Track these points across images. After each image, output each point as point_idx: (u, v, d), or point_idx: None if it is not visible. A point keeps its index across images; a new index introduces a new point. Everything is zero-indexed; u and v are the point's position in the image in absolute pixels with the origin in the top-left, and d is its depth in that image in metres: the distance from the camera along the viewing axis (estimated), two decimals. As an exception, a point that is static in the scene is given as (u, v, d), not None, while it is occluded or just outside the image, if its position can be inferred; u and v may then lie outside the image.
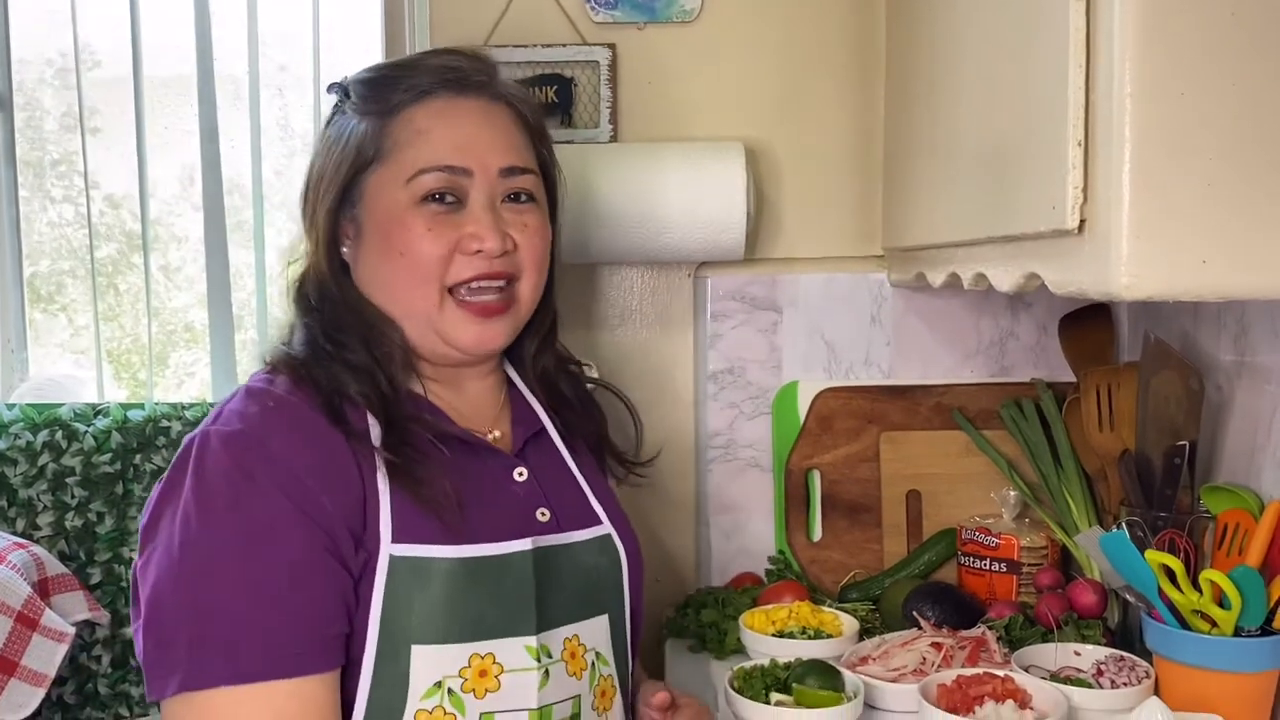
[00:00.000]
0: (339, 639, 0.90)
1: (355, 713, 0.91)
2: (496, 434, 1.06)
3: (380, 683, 0.90)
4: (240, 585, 0.86)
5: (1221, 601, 1.09)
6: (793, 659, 1.19)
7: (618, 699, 1.04)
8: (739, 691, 1.14)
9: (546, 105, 1.52)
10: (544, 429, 1.10)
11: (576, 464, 1.10)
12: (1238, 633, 1.09)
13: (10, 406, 1.71)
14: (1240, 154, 0.77)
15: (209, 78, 1.78)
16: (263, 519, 0.87)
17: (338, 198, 1.01)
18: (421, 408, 1.01)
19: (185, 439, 0.92)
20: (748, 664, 1.21)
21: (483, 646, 0.93)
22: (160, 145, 1.88)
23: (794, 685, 1.14)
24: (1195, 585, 1.10)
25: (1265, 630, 1.10)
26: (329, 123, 1.05)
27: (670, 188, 1.42)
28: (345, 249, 1.03)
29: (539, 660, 0.95)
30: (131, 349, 2.08)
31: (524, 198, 1.04)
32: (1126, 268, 0.77)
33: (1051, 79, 0.84)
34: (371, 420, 0.96)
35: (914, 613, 1.33)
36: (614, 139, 1.53)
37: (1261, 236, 0.77)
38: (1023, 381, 1.55)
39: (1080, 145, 0.82)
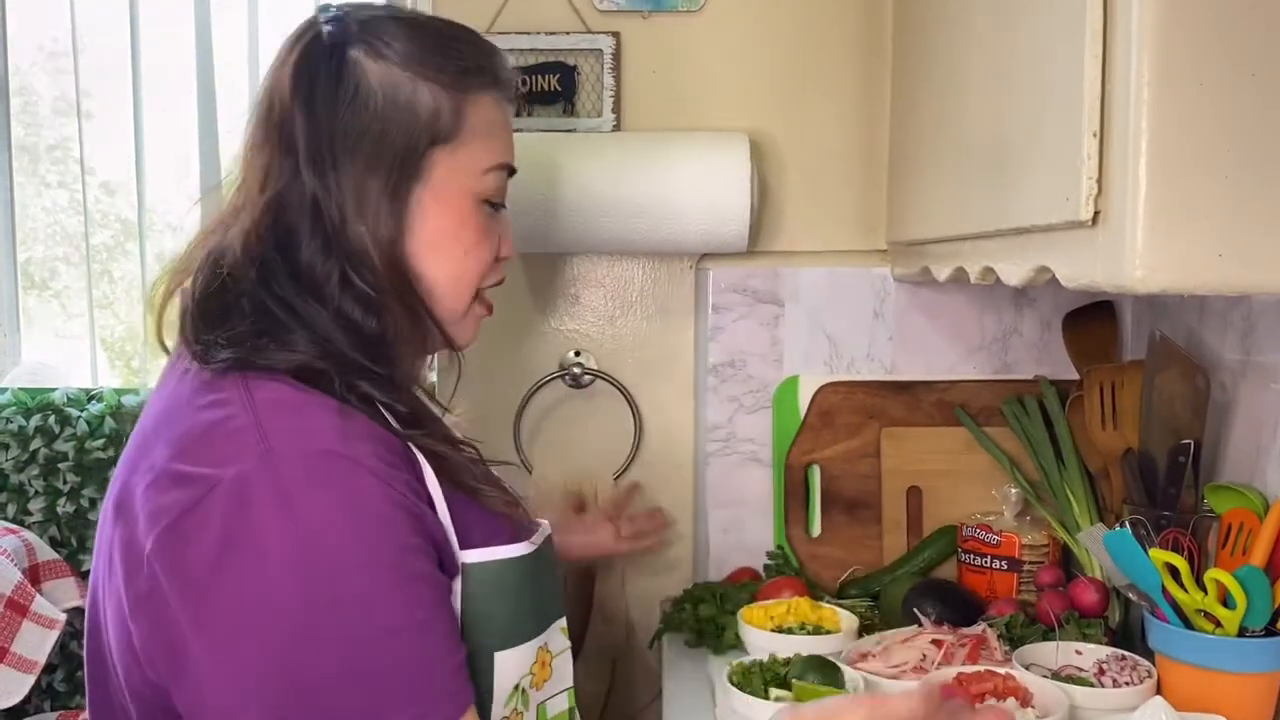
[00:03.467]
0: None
1: None
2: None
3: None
4: (404, 626, 0.75)
5: (1226, 601, 1.08)
6: (792, 655, 1.18)
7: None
8: (738, 687, 1.13)
9: (549, 94, 1.50)
10: None
11: None
12: (1242, 633, 1.09)
13: (2, 391, 1.70)
14: (1259, 146, 0.76)
15: (208, 66, 1.76)
16: (391, 544, 0.76)
17: (412, 170, 0.88)
18: (425, 407, 0.94)
19: (196, 474, 0.75)
20: (746, 659, 1.20)
21: (543, 638, 0.91)
22: (156, 133, 1.87)
23: (794, 681, 1.13)
24: (1199, 584, 1.09)
25: (1270, 630, 1.09)
26: (341, 70, 0.87)
27: (673, 178, 1.41)
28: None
29: (567, 637, 0.96)
30: (125, 337, 2.07)
31: None
32: (1141, 260, 0.76)
33: (1067, 69, 0.83)
34: (387, 416, 0.85)
35: (914, 609, 1.32)
36: (617, 128, 1.52)
37: (1278, 231, 0.76)
38: (1026, 378, 1.54)
39: (1095, 136, 0.80)
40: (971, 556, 1.43)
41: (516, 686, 0.87)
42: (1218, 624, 1.09)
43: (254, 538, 0.73)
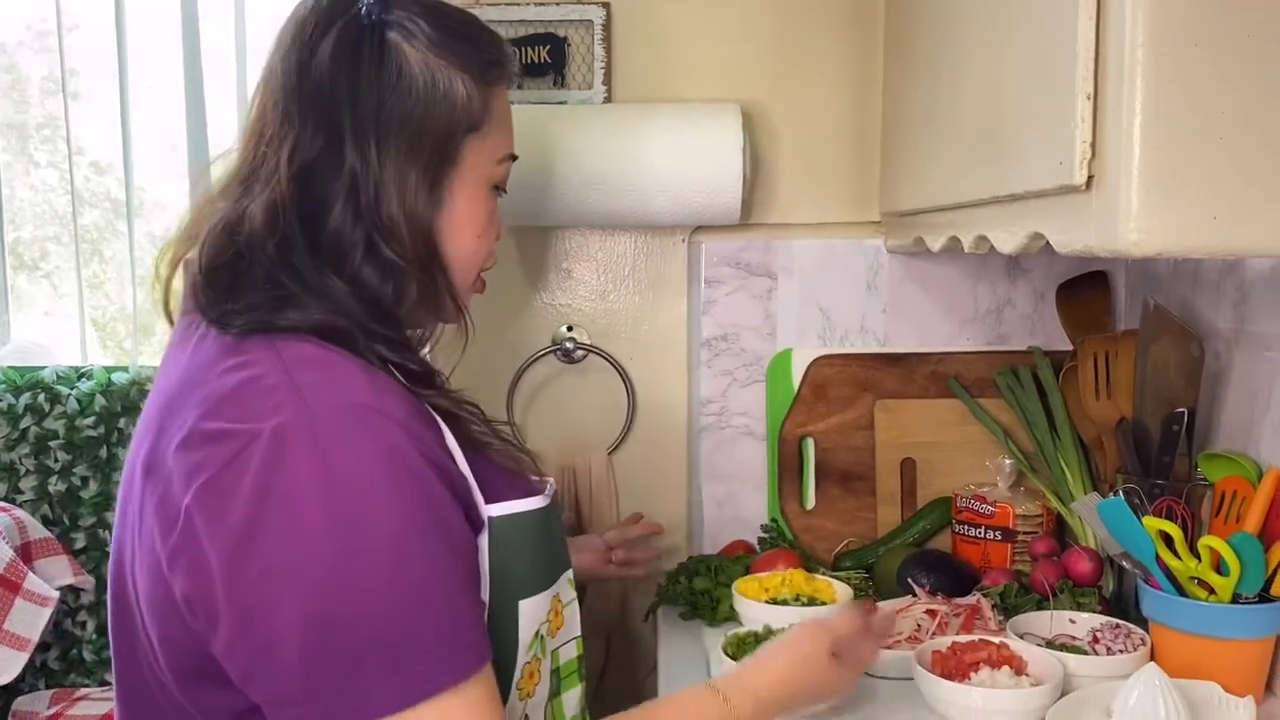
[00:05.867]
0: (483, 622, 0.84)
1: None
2: None
3: (495, 644, 0.84)
4: (426, 580, 0.76)
5: (1220, 568, 1.08)
6: (786, 626, 1.18)
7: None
8: (732, 658, 1.13)
9: (539, 65, 1.49)
10: None
11: None
12: (1235, 600, 1.09)
13: (-8, 369, 1.69)
14: (1255, 108, 0.75)
15: (194, 46, 1.75)
16: (421, 500, 0.78)
17: (450, 156, 0.91)
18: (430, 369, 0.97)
19: (233, 430, 0.77)
20: (741, 630, 1.20)
21: (555, 589, 0.93)
22: (145, 112, 1.85)
23: (788, 651, 1.13)
24: (1193, 552, 1.09)
25: (1263, 597, 1.09)
26: (380, 50, 0.88)
27: (665, 150, 1.40)
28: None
29: (575, 588, 0.98)
30: (117, 317, 2.06)
31: None
32: (1136, 223, 0.76)
33: (1060, 30, 0.82)
34: (399, 377, 0.87)
35: (909, 580, 1.32)
36: (608, 100, 1.50)
37: (1273, 192, 0.75)
38: (1019, 350, 1.53)
39: (1089, 99, 0.80)
40: (966, 527, 1.43)
41: (537, 634, 0.90)
42: (1211, 591, 1.09)
43: (292, 486, 0.75)
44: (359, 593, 0.74)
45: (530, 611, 0.89)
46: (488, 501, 0.86)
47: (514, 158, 0.98)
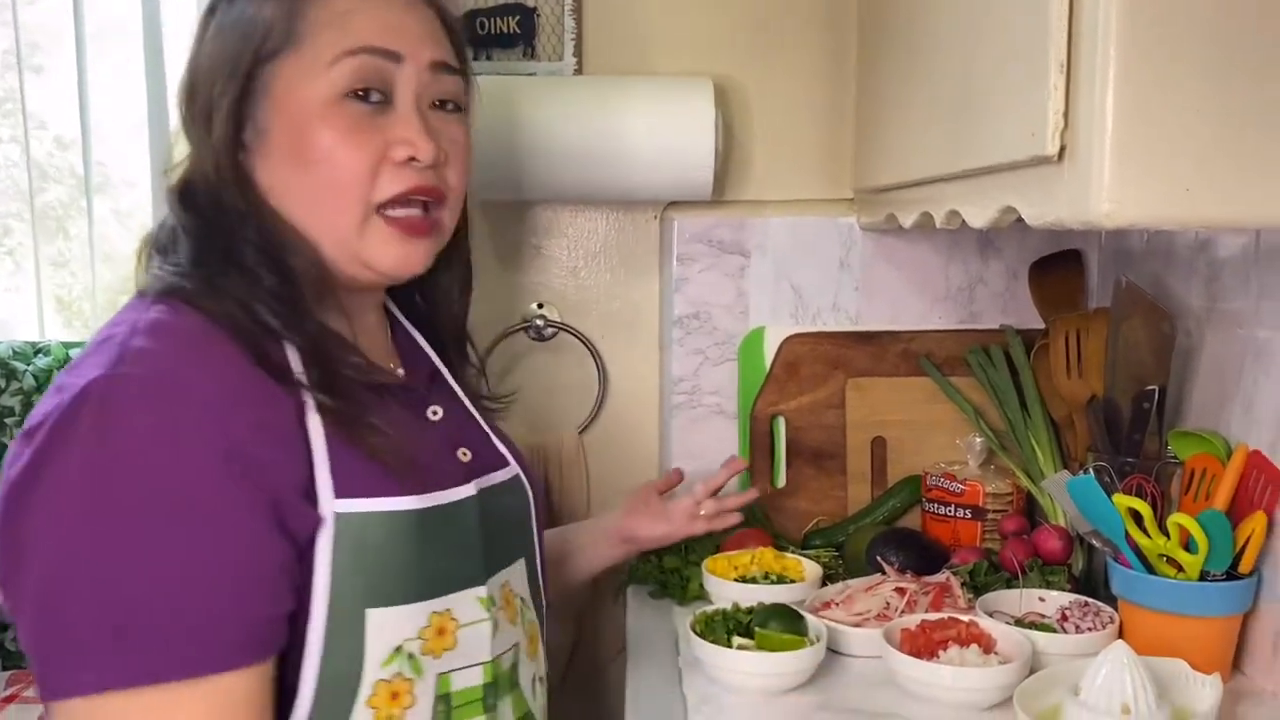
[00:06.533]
0: (282, 620, 0.79)
1: (302, 694, 0.80)
2: (400, 371, 0.98)
3: (333, 656, 0.81)
4: (171, 565, 0.73)
5: (1188, 546, 1.08)
6: (755, 604, 1.17)
7: (540, 643, 1.00)
8: (701, 636, 1.12)
9: (508, 36, 1.47)
10: (438, 369, 1.02)
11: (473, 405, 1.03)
12: (1203, 577, 1.09)
13: (-53, 345, 1.65)
14: (1228, 79, 0.74)
15: (154, 16, 1.71)
16: (195, 483, 0.74)
17: (240, 90, 0.86)
18: (341, 344, 0.90)
19: (65, 383, 0.76)
20: (710, 608, 1.19)
21: (441, 603, 0.86)
22: (108, 86, 1.80)
23: (756, 629, 1.12)
24: (1162, 529, 1.09)
25: (1230, 575, 1.09)
26: (211, 13, 0.90)
27: (637, 123, 1.38)
28: (240, 157, 0.89)
29: (489, 610, 0.89)
30: (83, 296, 2.02)
31: (451, 106, 0.93)
32: (1108, 194, 0.75)
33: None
34: (292, 356, 0.84)
35: (878, 558, 1.31)
36: (578, 72, 1.48)
37: (1246, 164, 0.75)
38: (991, 328, 1.53)
39: (1062, 69, 0.78)
40: (936, 505, 1.42)
41: (399, 649, 0.83)
42: (1180, 569, 1.09)
43: (68, 447, 0.73)
44: (93, 567, 0.72)
45: (385, 623, 0.82)
46: (340, 496, 0.80)
47: (377, 51, 0.87)
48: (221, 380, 0.78)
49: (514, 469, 1.00)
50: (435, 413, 0.97)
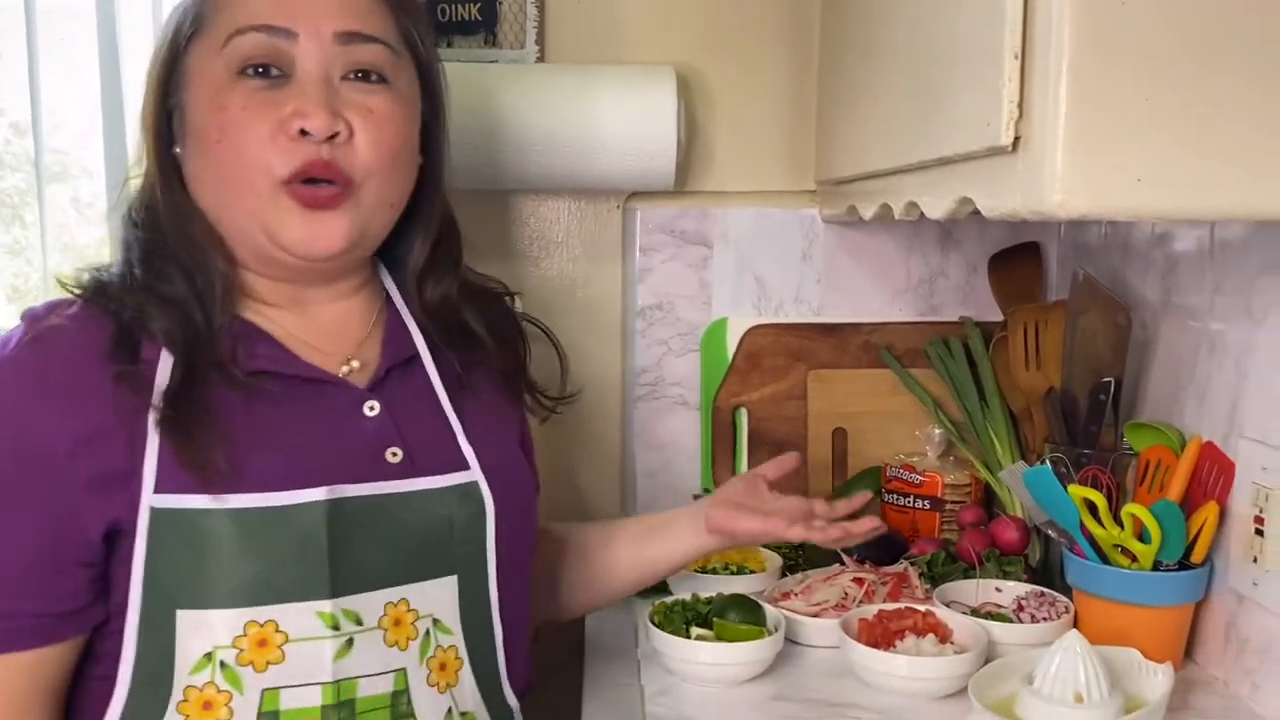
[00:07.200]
0: (59, 617, 0.81)
1: (117, 690, 0.81)
2: (355, 364, 0.93)
3: (145, 652, 0.81)
4: None
5: (1142, 536, 1.09)
6: (714, 594, 1.17)
7: (466, 671, 0.92)
8: (659, 626, 1.12)
9: (469, 23, 1.45)
10: (416, 356, 0.97)
11: (458, 402, 0.97)
12: (1156, 567, 1.10)
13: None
14: (1179, 72, 0.75)
15: (108, 4, 1.68)
16: None
17: (162, 85, 0.88)
18: (254, 342, 0.89)
19: None
20: (668, 599, 1.18)
21: (261, 613, 0.81)
22: (64, 72, 1.77)
23: (714, 620, 1.12)
24: (1117, 520, 1.10)
25: (1183, 565, 1.10)
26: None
27: (599, 112, 1.37)
28: (176, 149, 0.90)
29: (336, 628, 0.83)
30: (39, 285, 1.98)
31: (374, 77, 0.89)
32: (1061, 184, 0.75)
33: (990, -11, 0.81)
34: (165, 359, 0.85)
35: (837, 549, 1.32)
36: (540, 60, 1.47)
37: (1197, 157, 0.75)
38: (951, 320, 1.53)
39: (1017, 58, 0.79)
40: (895, 496, 1.43)
41: (209, 655, 0.81)
42: (1134, 559, 1.10)
43: None
44: None
45: (195, 626, 0.80)
46: (160, 491, 0.81)
47: (265, 28, 0.85)
48: (36, 369, 0.82)
49: (469, 475, 0.93)
50: (372, 408, 0.91)
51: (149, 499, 0.80)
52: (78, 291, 0.88)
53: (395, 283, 1.01)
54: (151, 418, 0.82)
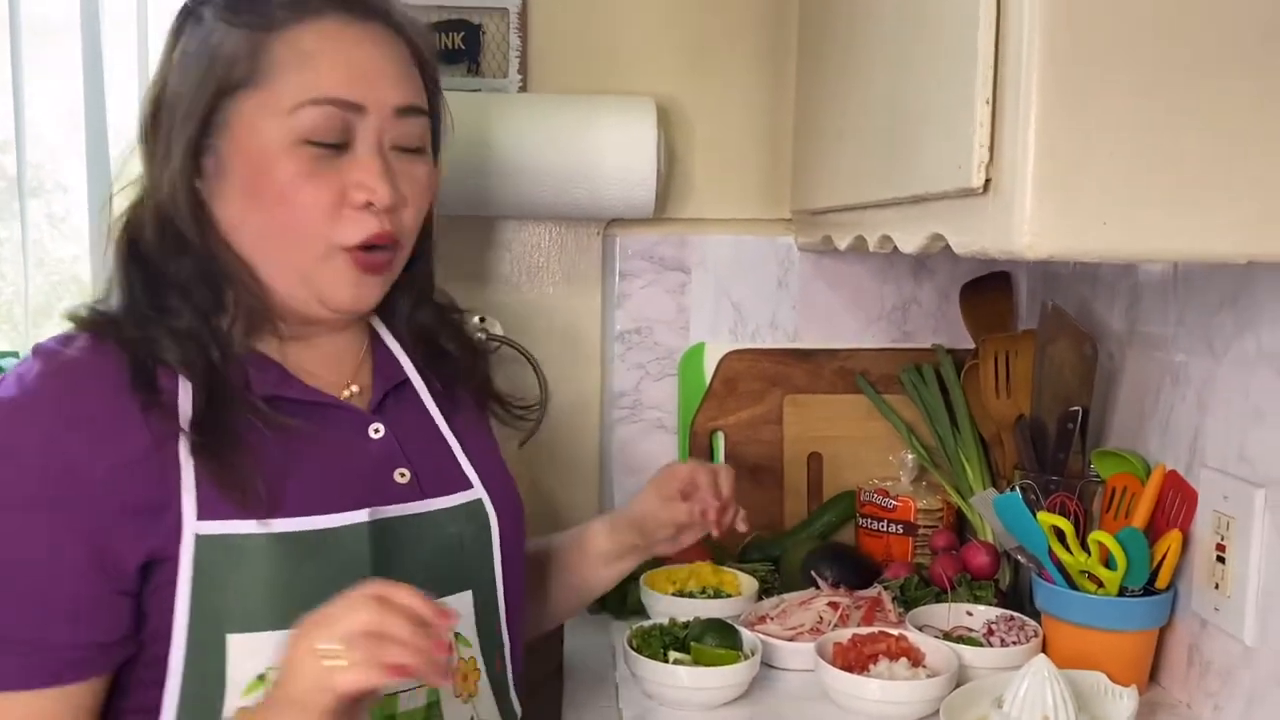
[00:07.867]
0: (93, 648, 0.81)
1: (164, 713, 0.82)
2: (354, 389, 0.97)
3: (193, 679, 0.81)
4: None
5: (1108, 562, 1.12)
6: (692, 618, 1.19)
7: (483, 681, 0.96)
8: (637, 650, 1.14)
9: (452, 52, 1.47)
10: (407, 381, 1.01)
11: (450, 422, 1.01)
12: (1122, 593, 1.13)
13: None
14: (1144, 118, 0.77)
15: (93, 19, 1.68)
16: (8, 505, 0.79)
17: (201, 123, 0.87)
18: (265, 370, 0.91)
19: None
20: (646, 623, 1.20)
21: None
22: (42, 85, 1.77)
23: (692, 644, 1.14)
24: (1084, 546, 1.13)
25: (1148, 590, 1.13)
26: (178, 34, 0.90)
27: (580, 141, 1.39)
28: (198, 184, 0.90)
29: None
30: (14, 300, 1.98)
31: (415, 147, 0.94)
32: (1029, 227, 0.77)
33: (962, 37, 0.84)
34: (185, 389, 0.86)
35: (812, 573, 1.34)
36: (523, 89, 1.49)
37: (1159, 201, 0.78)
38: (924, 347, 1.56)
39: (988, 104, 0.81)
40: (869, 521, 1.45)
41: (263, 677, 0.82)
42: (1100, 585, 1.13)
43: None
44: None
45: (248, 649, 0.82)
46: (203, 518, 0.82)
47: (339, 103, 0.87)
48: (68, 403, 0.82)
49: (474, 493, 0.98)
50: (376, 430, 0.95)
51: (192, 525, 0.81)
52: (89, 326, 0.88)
53: (377, 311, 1.03)
54: (183, 446, 0.83)
